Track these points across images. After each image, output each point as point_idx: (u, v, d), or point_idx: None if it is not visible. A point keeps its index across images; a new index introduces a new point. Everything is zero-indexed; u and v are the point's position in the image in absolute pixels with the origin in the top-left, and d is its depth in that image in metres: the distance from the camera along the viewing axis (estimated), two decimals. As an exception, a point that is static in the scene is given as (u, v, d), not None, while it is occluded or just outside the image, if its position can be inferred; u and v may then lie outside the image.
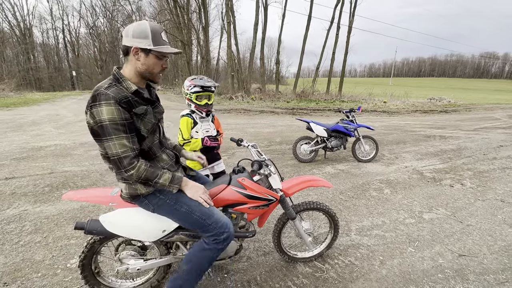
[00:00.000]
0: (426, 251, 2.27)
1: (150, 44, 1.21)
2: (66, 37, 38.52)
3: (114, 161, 1.22)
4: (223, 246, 1.45)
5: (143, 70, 1.27)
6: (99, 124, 1.16)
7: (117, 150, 1.19)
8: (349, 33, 21.45)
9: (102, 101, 1.15)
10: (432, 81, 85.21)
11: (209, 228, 1.40)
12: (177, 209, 1.39)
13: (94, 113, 1.16)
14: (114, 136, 1.17)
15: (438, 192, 3.58)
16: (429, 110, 15.41)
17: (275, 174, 1.74)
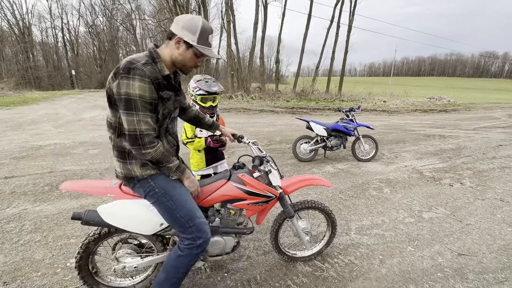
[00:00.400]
0: (425, 250, 2.28)
1: (194, 41, 1.25)
2: (65, 36, 38.39)
3: (134, 136, 1.20)
4: (198, 252, 1.44)
5: (178, 60, 1.31)
6: (126, 97, 1.15)
7: (141, 126, 1.19)
8: (349, 32, 21.43)
9: (137, 75, 1.15)
10: (432, 80, 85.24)
11: (188, 230, 1.40)
12: (163, 202, 1.37)
13: (124, 84, 1.15)
14: (141, 112, 1.18)
15: (437, 191, 3.59)
16: (428, 110, 15.42)
17: (275, 171, 1.74)
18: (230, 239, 1.70)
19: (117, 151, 1.33)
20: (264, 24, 19.71)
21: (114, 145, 1.33)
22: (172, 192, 1.38)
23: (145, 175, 1.34)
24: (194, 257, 1.44)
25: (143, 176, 1.34)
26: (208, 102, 2.22)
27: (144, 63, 1.18)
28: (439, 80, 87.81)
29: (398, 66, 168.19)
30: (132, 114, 1.17)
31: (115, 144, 1.33)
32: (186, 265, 1.45)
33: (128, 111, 1.17)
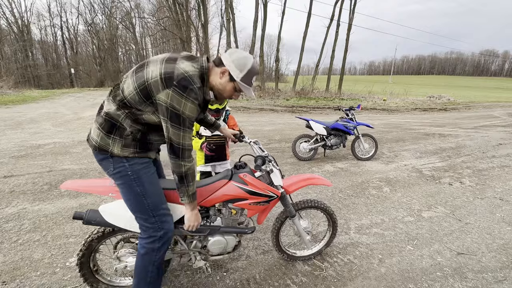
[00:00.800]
0: (425, 249, 2.28)
1: (239, 77, 1.30)
2: (65, 34, 38.28)
3: (177, 148, 1.25)
4: (160, 245, 1.40)
5: (217, 87, 1.35)
6: (176, 112, 1.18)
7: (185, 141, 1.26)
8: (349, 30, 21.38)
9: (191, 97, 1.18)
10: (432, 79, 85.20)
11: (150, 219, 1.37)
12: (132, 186, 1.33)
13: (176, 99, 1.16)
14: (187, 129, 1.24)
15: (437, 190, 3.59)
16: (428, 108, 15.41)
17: (277, 170, 1.73)
18: (232, 239, 1.70)
19: (107, 121, 1.26)
20: (263, 22, 19.64)
21: (107, 114, 1.26)
22: (144, 178, 1.35)
23: (121, 155, 1.29)
24: (157, 251, 1.41)
25: (119, 155, 1.29)
26: (215, 105, 2.14)
27: (199, 87, 1.22)
28: (439, 79, 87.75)
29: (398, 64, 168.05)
30: (179, 128, 1.22)
31: (109, 114, 1.26)
32: (154, 261, 1.41)
33: (175, 125, 1.21)
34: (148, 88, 1.19)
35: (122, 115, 1.25)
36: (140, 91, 1.20)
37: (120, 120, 1.26)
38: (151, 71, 1.19)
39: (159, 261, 1.44)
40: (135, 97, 1.22)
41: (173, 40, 22.68)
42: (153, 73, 1.18)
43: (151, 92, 1.19)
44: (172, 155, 1.27)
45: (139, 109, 1.24)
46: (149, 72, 1.19)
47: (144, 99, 1.21)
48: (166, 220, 1.42)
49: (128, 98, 1.23)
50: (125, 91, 1.23)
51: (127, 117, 1.25)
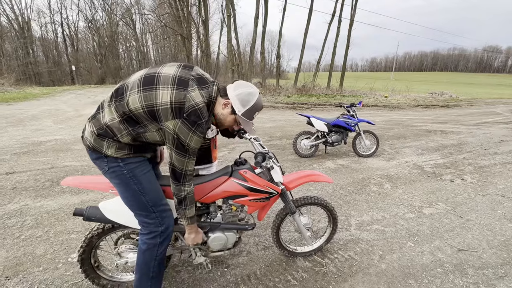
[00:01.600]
0: (425, 245, 2.28)
1: (241, 111, 1.34)
2: (65, 31, 38.17)
3: (179, 174, 1.29)
4: (162, 240, 1.41)
5: (219, 117, 1.39)
6: (182, 143, 1.21)
7: (188, 167, 1.29)
8: (350, 26, 21.21)
9: (198, 131, 1.22)
10: (434, 76, 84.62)
11: (151, 215, 1.38)
12: (129, 184, 1.32)
13: (184, 132, 1.19)
14: (192, 157, 1.28)
15: (438, 187, 3.58)
16: (430, 105, 15.33)
17: (277, 167, 1.73)
18: (232, 235, 1.71)
19: (105, 129, 1.23)
20: (264, 18, 19.51)
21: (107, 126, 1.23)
22: (140, 176, 1.34)
23: (115, 156, 1.28)
24: (159, 246, 1.42)
25: (112, 156, 1.28)
26: None
27: (206, 121, 1.26)
28: (441, 75, 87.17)
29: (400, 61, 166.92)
30: (184, 156, 1.25)
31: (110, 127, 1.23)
32: (155, 256, 1.42)
33: (181, 153, 1.24)
34: (156, 113, 1.19)
35: (124, 131, 1.23)
36: (147, 111, 1.19)
37: (119, 135, 1.24)
38: (161, 96, 1.17)
39: (160, 256, 1.44)
40: (141, 115, 1.20)
41: (174, 36, 22.59)
42: (163, 99, 1.17)
43: (159, 117, 1.19)
44: (174, 180, 1.30)
45: (143, 125, 1.23)
46: (159, 96, 1.17)
47: (150, 119, 1.21)
48: (166, 215, 1.42)
49: (134, 113, 1.20)
50: (131, 105, 1.20)
51: (128, 135, 1.24)
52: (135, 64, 40.97)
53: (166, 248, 1.47)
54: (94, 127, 1.26)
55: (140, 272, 1.43)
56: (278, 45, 21.59)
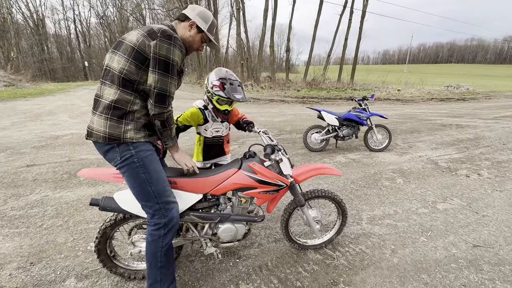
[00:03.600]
0: (439, 241, 2.24)
1: (205, 28, 1.45)
2: (78, 27, 38.95)
3: (163, 95, 1.30)
4: (166, 231, 1.43)
5: (187, 41, 1.44)
6: (165, 60, 1.25)
7: (171, 88, 1.32)
8: (362, 17, 20.63)
9: (177, 45, 1.27)
10: (450, 68, 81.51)
11: (156, 206, 1.40)
12: (138, 173, 1.35)
13: (165, 48, 1.24)
14: (174, 76, 1.32)
15: (453, 182, 3.49)
16: (445, 98, 14.84)
17: (286, 160, 1.73)
18: (241, 227, 1.74)
19: (116, 108, 1.28)
20: (274, 11, 19.23)
21: (116, 102, 1.27)
22: (149, 165, 1.37)
23: (134, 139, 1.31)
24: (164, 237, 1.43)
25: (131, 140, 1.31)
26: (224, 106, 1.85)
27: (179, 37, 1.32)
28: (458, 67, 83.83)
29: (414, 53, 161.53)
30: (167, 76, 1.28)
31: (117, 100, 1.27)
32: (161, 247, 1.44)
33: (164, 73, 1.26)
34: (139, 50, 1.24)
35: (129, 96, 1.29)
36: (133, 58, 1.25)
37: (130, 104, 1.30)
38: (131, 38, 1.27)
39: (166, 247, 1.46)
40: (131, 68, 1.26)
41: (183, 31, 22.59)
42: (134, 37, 1.26)
43: (143, 52, 1.24)
44: (158, 103, 1.30)
45: (138, 79, 1.28)
46: (130, 40, 1.26)
47: (140, 65, 1.26)
48: (170, 207, 1.44)
49: (125, 71, 1.26)
50: (117, 66, 1.26)
51: (135, 98, 1.31)
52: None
53: (171, 239, 1.49)
54: (104, 113, 1.29)
55: (149, 261, 1.47)
56: (287, 38, 21.29)
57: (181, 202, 1.54)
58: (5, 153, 4.24)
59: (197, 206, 1.62)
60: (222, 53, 28.05)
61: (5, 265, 1.86)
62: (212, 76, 1.80)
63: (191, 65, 25.43)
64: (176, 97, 1.62)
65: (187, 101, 10.83)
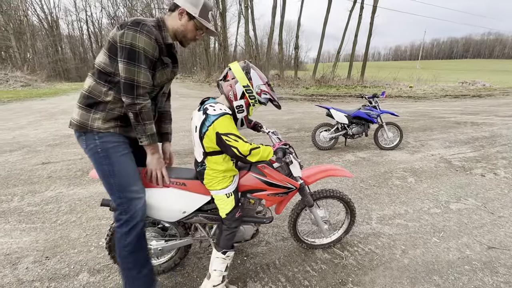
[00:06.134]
0: (452, 242, 2.18)
1: (196, 13, 1.33)
2: (90, 28, 39.84)
3: (130, 85, 1.24)
4: (128, 230, 1.35)
5: (180, 31, 1.38)
6: (130, 48, 1.20)
7: (139, 78, 1.24)
8: (373, 13, 20.18)
9: (145, 31, 1.21)
10: (465, 63, 78.79)
11: (117, 201, 1.35)
12: (101, 163, 1.32)
13: (130, 35, 1.20)
14: (142, 65, 1.24)
15: (467, 181, 3.39)
16: (460, 95, 14.37)
17: (297, 162, 1.70)
18: (250, 228, 1.74)
19: (88, 97, 1.30)
20: (282, 8, 19.08)
21: (90, 91, 1.30)
22: (113, 157, 1.32)
23: (100, 129, 1.29)
24: (126, 236, 1.36)
25: (97, 129, 1.29)
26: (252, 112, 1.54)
27: (152, 25, 1.27)
28: (474, 63, 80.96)
29: (427, 48, 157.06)
30: (133, 64, 1.22)
31: (90, 90, 1.30)
32: (124, 246, 1.38)
33: (130, 61, 1.21)
34: (112, 42, 1.24)
35: (104, 87, 1.28)
36: (108, 51, 1.26)
37: (103, 94, 1.29)
38: (111, 32, 1.27)
39: (130, 247, 1.38)
40: (106, 59, 1.27)
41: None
42: (112, 32, 1.26)
43: (115, 43, 1.23)
44: (126, 93, 1.24)
45: (114, 74, 1.27)
46: (110, 34, 1.27)
47: (114, 57, 1.25)
48: (134, 203, 1.36)
49: (102, 64, 1.27)
50: (97, 60, 1.30)
51: (110, 89, 1.29)
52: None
53: (137, 239, 1.39)
54: (79, 102, 1.33)
55: (119, 256, 1.43)
56: (296, 36, 21.10)
57: (190, 203, 1.55)
58: (22, 151, 4.40)
59: (205, 207, 1.62)
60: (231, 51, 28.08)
61: (22, 258, 1.93)
62: (256, 79, 1.41)
63: (199, 64, 25.57)
64: (185, 95, 1.63)
65: (195, 99, 10.91)
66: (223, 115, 1.33)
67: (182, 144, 4.87)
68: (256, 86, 1.40)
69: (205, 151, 1.41)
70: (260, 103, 1.47)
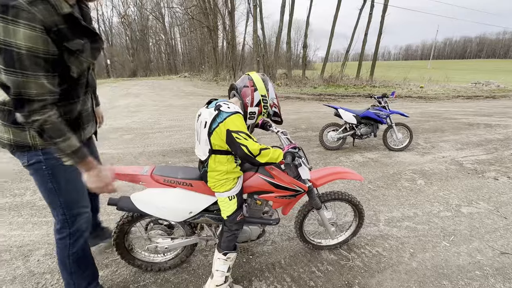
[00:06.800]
0: (462, 246, 2.13)
1: None
2: (101, 26, 40.52)
3: (19, 100, 0.91)
4: (72, 241, 1.30)
5: None
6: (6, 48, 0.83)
7: (30, 90, 0.89)
8: (384, 11, 19.82)
9: (22, 19, 0.82)
10: (479, 63, 76.65)
11: (61, 217, 1.27)
12: (45, 181, 1.19)
13: (1, 28, 0.82)
14: (30, 72, 0.88)
15: (479, 185, 3.30)
16: (473, 96, 13.99)
17: (306, 164, 1.66)
18: (256, 229, 1.74)
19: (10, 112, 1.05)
20: (291, 6, 18.95)
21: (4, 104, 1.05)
22: (60, 175, 1.19)
23: (40, 146, 1.12)
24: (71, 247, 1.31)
25: (41, 145, 1.12)
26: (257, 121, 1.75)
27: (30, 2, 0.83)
28: (488, 63, 78.67)
29: (439, 48, 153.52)
30: (15, 73, 0.86)
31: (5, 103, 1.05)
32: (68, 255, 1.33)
33: (10, 69, 0.86)
34: None
35: None
36: None
37: None
38: None
39: (75, 255, 1.35)
40: None
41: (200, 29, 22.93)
42: None
43: None
44: (16, 109, 0.95)
45: None
46: None
47: None
48: (80, 219, 1.31)
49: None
50: None
51: None
52: (163, 57, 42.43)
53: (83, 246, 1.37)
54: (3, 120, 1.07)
55: (60, 266, 1.38)
56: (305, 34, 20.93)
57: (197, 204, 1.56)
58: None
59: (211, 207, 1.62)
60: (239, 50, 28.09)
61: (34, 251, 1.98)
62: (272, 92, 1.49)
63: (207, 62, 25.71)
64: (192, 94, 1.61)
65: (203, 98, 10.97)
66: (236, 113, 1.34)
67: (189, 142, 4.91)
68: (271, 98, 1.49)
69: (212, 148, 1.40)
70: (268, 115, 1.54)
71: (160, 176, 1.53)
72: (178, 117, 7.35)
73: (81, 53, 1.03)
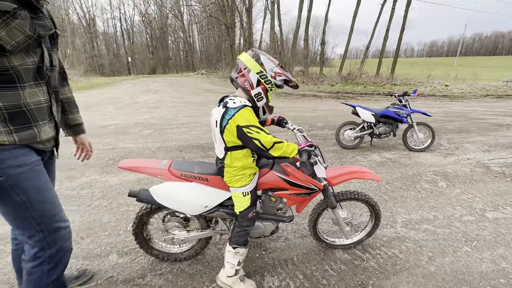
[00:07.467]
0: (486, 252, 2.03)
1: None
2: (123, 25, 41.98)
3: None
4: (52, 266, 1.08)
5: None
6: None
7: None
8: (407, 6, 18.98)
9: None
10: (511, 60, 71.54)
11: (37, 236, 1.03)
12: (11, 196, 0.95)
13: None
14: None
15: (507, 189, 3.11)
16: (503, 95, 13.12)
17: (322, 163, 1.63)
18: (269, 225, 1.75)
19: None
20: (310, 3, 18.61)
21: None
22: (27, 184, 0.97)
23: None
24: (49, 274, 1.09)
25: None
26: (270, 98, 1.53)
27: None
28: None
29: (467, 43, 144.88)
30: None
31: None
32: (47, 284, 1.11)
33: None
34: None
35: None
36: None
37: None
38: None
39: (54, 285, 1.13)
40: None
41: (218, 26, 23.12)
42: None
43: None
44: None
45: None
46: None
47: None
48: (59, 235, 1.08)
49: None
50: None
51: None
52: (182, 54, 43.27)
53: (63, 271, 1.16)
54: None
55: None
56: (323, 31, 20.54)
57: (212, 198, 1.59)
58: (61, 140, 4.78)
59: (226, 202, 1.64)
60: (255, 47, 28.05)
61: None
62: (268, 63, 1.38)
63: (224, 60, 25.90)
64: (209, 91, 1.64)
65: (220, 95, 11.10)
66: (243, 107, 1.32)
67: (205, 138, 5.00)
68: (269, 70, 1.38)
69: (226, 145, 1.40)
70: (277, 87, 1.43)
71: (178, 170, 1.58)
72: (195, 113, 7.50)
73: (12, 18, 0.83)
